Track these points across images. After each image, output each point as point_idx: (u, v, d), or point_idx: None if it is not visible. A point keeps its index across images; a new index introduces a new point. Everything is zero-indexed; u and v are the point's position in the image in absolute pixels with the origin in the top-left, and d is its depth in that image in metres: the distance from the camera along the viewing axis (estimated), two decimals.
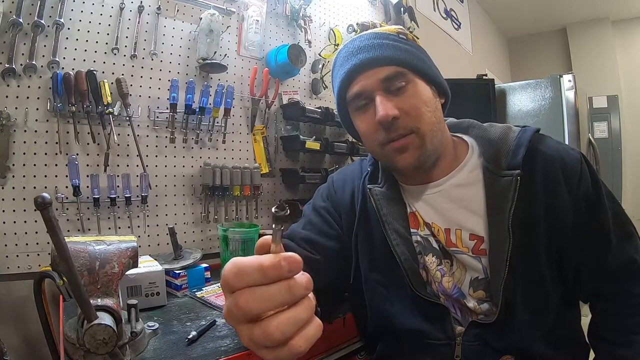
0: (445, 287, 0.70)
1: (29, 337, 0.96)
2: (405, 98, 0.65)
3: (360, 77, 0.66)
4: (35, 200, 0.41)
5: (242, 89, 1.44)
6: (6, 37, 0.95)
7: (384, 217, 0.72)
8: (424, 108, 0.65)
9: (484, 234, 0.66)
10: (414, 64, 0.66)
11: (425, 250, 0.72)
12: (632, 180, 3.46)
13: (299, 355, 0.29)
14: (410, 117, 0.64)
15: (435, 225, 0.70)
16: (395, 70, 0.64)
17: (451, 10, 2.98)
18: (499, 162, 0.66)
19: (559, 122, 2.29)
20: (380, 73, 0.64)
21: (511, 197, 0.62)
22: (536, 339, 0.65)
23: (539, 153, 0.66)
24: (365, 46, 0.66)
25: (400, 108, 0.64)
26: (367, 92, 0.66)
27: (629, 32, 3.66)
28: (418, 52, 0.69)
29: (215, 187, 1.30)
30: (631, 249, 0.67)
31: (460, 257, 0.68)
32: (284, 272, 0.29)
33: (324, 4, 1.79)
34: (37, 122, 1.01)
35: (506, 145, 0.66)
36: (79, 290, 0.47)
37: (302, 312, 0.30)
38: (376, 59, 0.65)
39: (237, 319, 0.30)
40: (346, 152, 1.66)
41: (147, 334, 0.69)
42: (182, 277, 0.98)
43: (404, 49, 0.67)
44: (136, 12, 1.18)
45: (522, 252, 0.63)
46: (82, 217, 1.06)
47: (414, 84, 0.65)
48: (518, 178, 0.62)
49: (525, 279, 0.64)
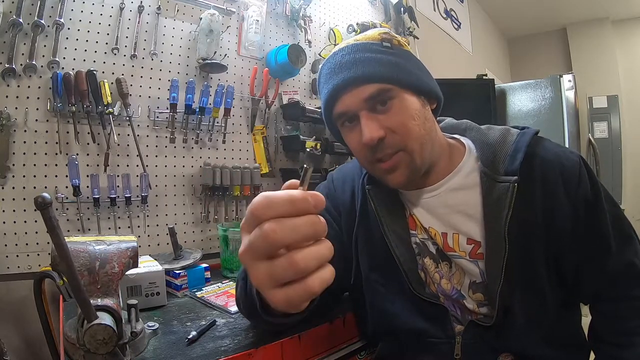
0: (445, 288, 0.70)
1: (29, 337, 0.96)
2: (390, 115, 0.62)
3: (344, 97, 0.64)
4: (35, 200, 0.41)
5: (242, 89, 1.44)
6: (6, 37, 0.95)
7: (382, 218, 0.71)
8: (411, 123, 0.63)
9: (480, 239, 0.66)
10: (398, 78, 0.63)
11: (423, 253, 0.72)
12: (632, 180, 3.45)
13: (312, 296, 0.30)
14: (397, 134, 0.62)
15: (433, 229, 0.70)
16: (379, 87, 0.62)
17: (451, 10, 2.98)
18: (496, 166, 0.64)
19: (559, 122, 2.29)
20: (363, 92, 0.62)
21: (507, 204, 0.61)
22: (534, 341, 0.65)
23: (537, 157, 0.65)
24: (346, 62, 0.63)
25: (386, 127, 0.62)
26: (352, 111, 0.64)
27: (629, 32, 3.66)
28: (404, 61, 0.65)
29: (215, 187, 1.30)
30: (631, 253, 0.66)
31: (458, 261, 0.68)
32: (310, 207, 0.30)
33: (324, 4, 1.79)
34: (37, 122, 1.01)
35: (504, 149, 0.65)
36: (79, 290, 0.47)
37: (325, 250, 0.31)
38: (358, 79, 0.62)
39: (259, 252, 0.30)
40: (346, 152, 1.66)
41: (147, 334, 0.69)
42: (182, 277, 0.98)
43: (387, 61, 0.63)
44: (136, 12, 1.18)
45: (518, 258, 0.62)
46: (82, 217, 1.06)
47: (399, 99, 0.63)
48: (515, 185, 0.61)
49: (522, 284, 0.63)
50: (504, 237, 0.61)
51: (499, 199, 0.63)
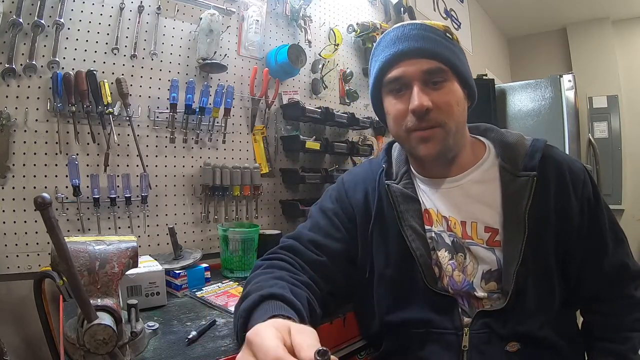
0: (456, 280, 0.73)
1: (29, 337, 0.96)
2: (441, 94, 0.68)
3: (403, 63, 0.68)
4: (35, 200, 0.41)
5: (242, 89, 1.44)
6: (6, 37, 0.95)
7: (400, 214, 0.75)
8: (455, 107, 0.69)
9: (498, 227, 0.70)
10: (455, 63, 0.69)
11: (438, 246, 0.75)
12: (632, 180, 3.45)
13: None
14: (441, 111, 0.67)
15: (453, 218, 0.73)
16: (438, 65, 0.67)
17: (451, 10, 2.98)
18: (516, 163, 0.71)
19: (559, 122, 2.29)
20: (423, 64, 0.67)
21: (527, 194, 0.68)
22: (542, 326, 0.68)
23: (551, 158, 0.72)
24: (413, 35, 0.69)
25: (434, 102, 0.67)
26: (406, 78, 0.68)
27: (629, 32, 3.65)
28: (459, 53, 0.72)
29: (215, 187, 1.30)
30: (623, 254, 0.74)
31: (474, 249, 0.72)
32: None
33: (324, 4, 1.79)
34: (37, 122, 1.01)
35: (522, 149, 0.72)
36: (79, 290, 0.47)
37: None
38: (423, 50, 0.67)
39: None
40: (346, 152, 1.67)
41: (147, 334, 0.69)
42: (182, 277, 0.98)
43: (448, 47, 0.70)
44: (136, 12, 1.18)
45: (534, 244, 0.67)
46: (82, 217, 1.06)
47: (450, 83, 0.69)
48: (535, 178, 0.68)
49: (536, 269, 0.68)
50: (524, 222, 0.67)
51: (519, 190, 0.69)
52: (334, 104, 1.81)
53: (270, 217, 1.53)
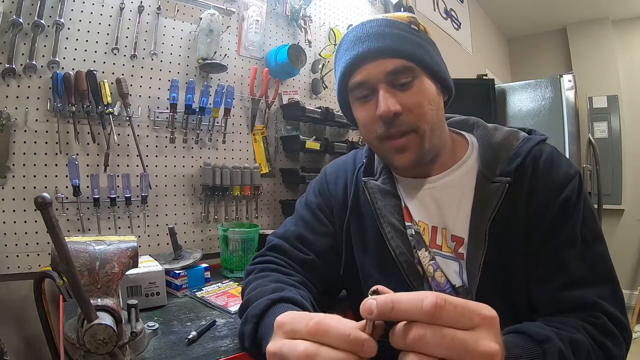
0: (439, 282, 0.68)
1: (29, 337, 0.96)
2: (409, 94, 0.63)
3: (365, 66, 0.63)
4: (35, 200, 0.41)
5: (242, 89, 1.44)
6: (6, 37, 0.95)
7: (378, 211, 0.70)
8: (427, 106, 0.63)
9: (464, 236, 0.65)
10: (422, 59, 0.63)
11: (418, 245, 0.70)
12: (632, 180, 3.45)
13: None
14: (412, 114, 0.62)
15: (422, 223, 0.69)
16: (403, 64, 0.62)
17: (451, 10, 2.98)
18: (493, 168, 0.65)
19: (559, 122, 2.29)
20: (387, 65, 0.62)
21: (495, 203, 0.61)
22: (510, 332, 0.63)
23: (534, 161, 0.64)
24: (374, 33, 0.63)
25: (403, 104, 0.62)
26: (371, 82, 0.63)
27: (629, 32, 3.65)
28: (428, 45, 0.66)
29: (215, 187, 1.30)
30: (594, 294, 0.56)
31: (440, 260, 0.67)
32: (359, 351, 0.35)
33: (324, 4, 1.79)
34: (37, 122, 1.01)
35: (505, 151, 0.65)
36: (79, 290, 0.47)
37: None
38: (385, 50, 0.62)
39: None
40: (346, 152, 1.66)
41: (147, 334, 0.69)
42: (182, 277, 0.98)
43: (414, 41, 0.64)
44: (136, 12, 1.18)
45: (496, 258, 0.61)
46: (82, 217, 1.06)
47: (420, 80, 0.63)
48: (506, 185, 0.62)
49: (501, 285, 0.62)
50: (485, 236, 0.61)
51: (488, 197, 0.63)
52: (334, 104, 1.81)
53: (270, 217, 1.54)
